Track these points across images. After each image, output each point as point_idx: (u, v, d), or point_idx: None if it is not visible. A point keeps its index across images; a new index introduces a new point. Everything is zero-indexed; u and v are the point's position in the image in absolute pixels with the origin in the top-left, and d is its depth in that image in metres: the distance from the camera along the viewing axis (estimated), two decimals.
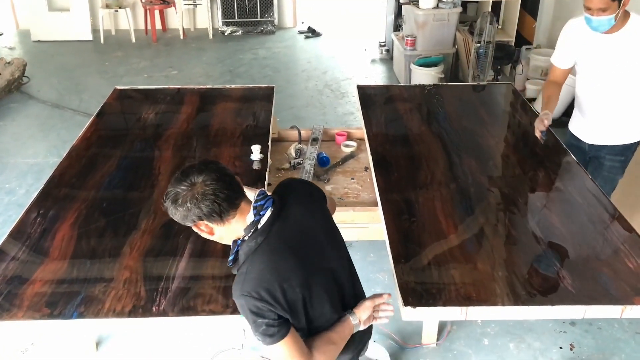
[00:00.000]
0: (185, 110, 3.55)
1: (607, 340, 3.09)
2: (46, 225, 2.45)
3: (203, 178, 1.61)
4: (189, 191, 1.61)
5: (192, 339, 3.10)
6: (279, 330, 1.64)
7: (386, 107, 3.60)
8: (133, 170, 2.89)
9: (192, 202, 1.60)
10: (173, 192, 1.63)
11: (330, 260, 1.84)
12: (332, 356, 1.78)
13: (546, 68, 5.90)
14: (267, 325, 1.63)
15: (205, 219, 1.64)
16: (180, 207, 1.62)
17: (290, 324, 1.68)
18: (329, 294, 1.80)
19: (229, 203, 1.64)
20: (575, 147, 3.20)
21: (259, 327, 1.64)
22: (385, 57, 7.43)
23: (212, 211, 1.62)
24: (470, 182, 2.73)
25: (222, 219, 1.65)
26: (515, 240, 2.35)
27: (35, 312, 1.98)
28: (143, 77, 6.93)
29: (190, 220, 1.65)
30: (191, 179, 1.62)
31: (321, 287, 1.77)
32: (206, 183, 1.61)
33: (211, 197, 1.61)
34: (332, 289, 1.82)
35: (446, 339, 3.10)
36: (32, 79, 6.74)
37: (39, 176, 4.65)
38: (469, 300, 1.99)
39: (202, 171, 1.63)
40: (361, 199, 3.04)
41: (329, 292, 1.79)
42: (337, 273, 1.86)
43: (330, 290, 1.81)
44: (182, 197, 1.61)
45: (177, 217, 1.66)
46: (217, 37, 8.39)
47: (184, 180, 1.62)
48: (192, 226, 1.70)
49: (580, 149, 3.19)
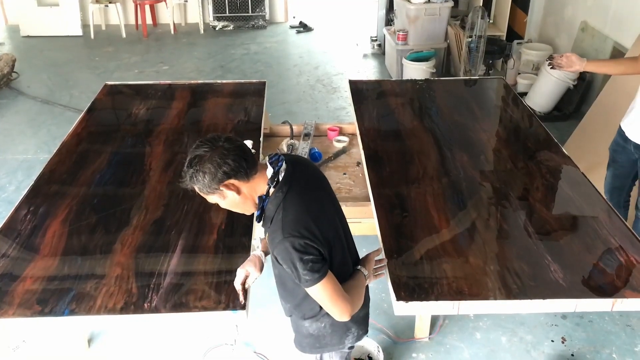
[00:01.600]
0: (176, 106, 3.53)
1: (598, 333, 3.11)
2: (37, 222, 2.44)
3: (222, 142, 1.69)
4: (213, 151, 1.67)
5: (185, 336, 3.10)
6: (323, 266, 1.72)
7: (378, 102, 3.60)
8: (124, 167, 2.87)
9: (220, 157, 1.66)
10: (195, 155, 1.68)
11: (338, 209, 1.98)
12: (360, 299, 1.89)
13: (537, 62, 5.92)
14: (314, 262, 1.69)
15: (232, 175, 1.69)
16: (208, 165, 1.66)
17: (328, 266, 1.76)
18: (344, 240, 1.93)
19: (252, 163, 1.73)
20: (621, 148, 3.21)
21: (307, 265, 1.68)
22: (377, 51, 7.42)
23: (239, 166, 1.68)
24: (462, 177, 2.73)
25: (248, 176, 1.72)
26: (507, 234, 2.36)
27: (26, 310, 1.97)
28: (134, 73, 6.89)
29: (217, 180, 1.68)
30: (212, 142, 1.69)
31: (340, 231, 1.90)
32: (225, 146, 1.68)
33: (236, 152, 1.68)
34: (344, 237, 1.95)
35: (438, 333, 3.11)
36: (22, 74, 6.69)
37: (29, 172, 4.62)
38: (461, 295, 2.00)
39: (220, 137, 1.71)
40: (353, 194, 3.04)
41: (343, 239, 1.93)
42: (344, 223, 1.99)
43: (344, 238, 1.94)
44: (208, 156, 1.66)
45: (203, 184, 1.69)
46: (208, 32, 8.35)
47: (203, 145, 1.69)
48: (217, 191, 1.72)
49: (626, 150, 3.17)
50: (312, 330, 2.05)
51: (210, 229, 2.37)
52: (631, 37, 4.49)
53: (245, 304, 1.96)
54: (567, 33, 5.91)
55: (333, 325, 2.02)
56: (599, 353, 2.99)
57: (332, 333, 2.05)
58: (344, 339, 2.07)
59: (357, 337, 2.10)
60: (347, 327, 2.04)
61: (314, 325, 2.03)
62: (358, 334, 2.09)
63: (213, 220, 2.43)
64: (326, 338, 2.05)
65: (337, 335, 2.05)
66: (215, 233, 2.35)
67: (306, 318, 2.02)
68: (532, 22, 6.58)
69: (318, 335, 2.05)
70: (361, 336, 2.12)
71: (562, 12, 6.01)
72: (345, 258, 1.94)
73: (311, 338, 2.07)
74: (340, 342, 2.08)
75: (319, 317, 2.00)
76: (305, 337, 2.09)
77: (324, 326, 2.03)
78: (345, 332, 2.06)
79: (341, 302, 1.78)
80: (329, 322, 2.01)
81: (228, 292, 2.02)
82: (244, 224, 2.38)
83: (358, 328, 2.09)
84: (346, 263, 1.94)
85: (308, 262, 1.68)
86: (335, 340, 2.07)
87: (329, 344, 2.08)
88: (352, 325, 2.05)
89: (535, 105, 5.45)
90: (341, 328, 2.04)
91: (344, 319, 1.83)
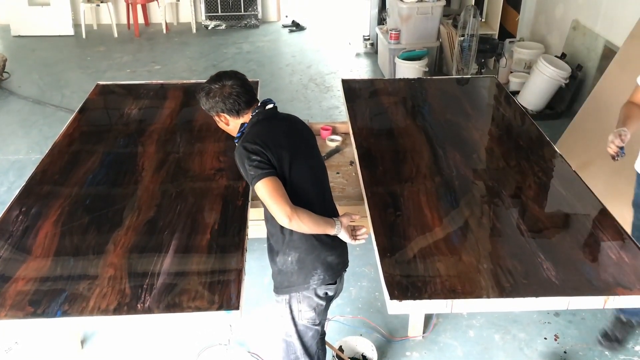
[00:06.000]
0: (168, 106, 3.52)
1: (591, 330, 3.12)
2: (29, 223, 2.42)
3: (232, 82, 2.16)
4: (219, 89, 2.16)
5: (178, 336, 3.09)
6: (268, 168, 2.06)
7: (371, 101, 3.60)
8: (116, 167, 2.86)
9: (220, 97, 2.16)
10: (207, 87, 2.18)
11: (313, 159, 2.28)
12: (312, 221, 2.09)
13: (529, 61, 5.94)
14: (259, 162, 2.06)
15: (226, 112, 2.19)
16: (210, 99, 2.17)
17: (277, 174, 2.07)
18: (311, 179, 2.21)
19: (246, 104, 2.18)
20: None
21: (253, 162, 2.05)
22: (370, 50, 7.43)
23: (232, 108, 2.17)
24: (454, 175, 2.74)
25: (239, 114, 2.19)
26: (500, 232, 2.36)
27: (18, 311, 1.96)
28: (126, 72, 6.87)
29: (214, 111, 2.20)
30: (223, 81, 2.16)
31: (304, 167, 2.19)
32: (233, 87, 2.16)
33: (235, 97, 2.15)
34: (313, 179, 2.23)
35: (432, 331, 3.12)
36: (13, 74, 6.65)
37: (21, 173, 4.60)
38: (454, 293, 2.00)
39: (232, 77, 2.18)
40: (347, 193, 3.04)
41: (311, 177, 2.21)
42: (318, 171, 2.29)
43: (312, 177, 2.22)
44: (213, 92, 2.16)
45: (206, 106, 2.22)
46: (200, 32, 8.34)
47: (217, 81, 2.17)
48: (214, 116, 2.24)
49: None
50: (280, 265, 2.22)
51: (203, 229, 2.37)
52: (622, 35, 4.52)
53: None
54: (558, 31, 5.94)
55: (299, 262, 2.18)
56: (591, 350, 3.01)
57: (299, 270, 2.18)
58: (309, 278, 2.19)
59: (323, 281, 2.20)
60: (314, 266, 2.18)
61: (282, 259, 2.20)
62: (324, 277, 2.20)
63: (206, 220, 2.43)
64: (293, 276, 2.20)
65: (303, 273, 2.18)
66: (208, 233, 2.35)
67: (276, 253, 2.22)
68: (524, 21, 6.60)
69: (286, 272, 2.21)
70: (327, 280, 2.21)
71: (554, 11, 6.04)
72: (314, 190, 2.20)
73: (280, 275, 2.24)
74: (305, 281, 2.19)
75: (285, 250, 2.18)
76: (276, 275, 2.26)
77: (291, 261, 2.18)
78: (310, 272, 2.18)
79: (281, 203, 2.01)
80: (296, 257, 2.17)
81: (222, 292, 2.02)
82: (237, 223, 2.38)
83: (324, 271, 2.20)
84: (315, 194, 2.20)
85: (254, 161, 2.05)
86: (300, 279, 2.19)
87: (295, 283, 2.20)
88: (319, 265, 2.18)
89: (527, 103, 5.47)
90: (307, 266, 2.18)
91: (283, 222, 2.03)
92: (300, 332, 2.30)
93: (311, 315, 2.27)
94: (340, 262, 2.27)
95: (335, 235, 2.20)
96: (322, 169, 2.33)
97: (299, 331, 2.30)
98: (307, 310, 2.26)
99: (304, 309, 2.25)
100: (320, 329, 2.35)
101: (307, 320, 2.28)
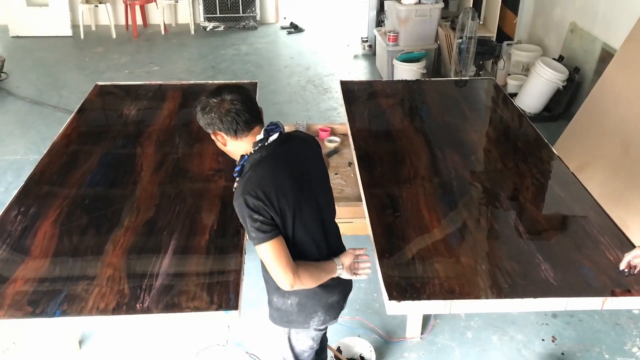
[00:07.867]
0: (167, 107, 3.52)
1: (588, 331, 3.13)
2: (27, 223, 2.42)
3: (232, 97, 1.89)
4: (217, 104, 1.88)
5: (177, 336, 3.09)
6: (271, 230, 1.85)
7: (369, 102, 3.61)
8: (115, 167, 2.86)
9: (217, 114, 1.88)
10: (205, 101, 1.91)
11: (319, 195, 2.04)
12: (313, 279, 1.95)
13: (527, 63, 5.96)
14: (262, 223, 1.84)
15: (223, 131, 1.92)
16: (206, 115, 1.90)
17: (280, 233, 1.88)
18: (314, 225, 1.99)
19: (246, 124, 1.90)
20: None
21: (255, 223, 1.84)
22: (368, 52, 7.43)
23: (230, 127, 1.89)
24: (453, 177, 2.74)
25: (237, 135, 1.92)
26: (498, 234, 2.37)
27: (17, 311, 1.96)
28: (124, 73, 6.86)
29: (211, 128, 1.93)
30: (223, 95, 1.89)
31: (308, 214, 1.96)
32: (233, 102, 1.88)
33: (233, 115, 1.88)
34: (317, 223, 2.01)
35: (430, 332, 3.12)
36: (11, 75, 6.64)
37: (19, 173, 4.59)
38: (452, 294, 2.01)
39: (233, 91, 1.91)
40: (345, 194, 3.05)
41: (314, 223, 1.99)
42: (323, 212, 2.05)
43: (316, 222, 2.00)
44: (209, 108, 1.89)
45: (202, 123, 1.95)
46: (198, 33, 8.33)
47: (216, 95, 1.90)
48: (211, 134, 1.97)
49: None
50: (279, 304, 2.10)
51: (202, 230, 2.37)
52: (619, 38, 4.53)
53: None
54: (556, 34, 5.95)
55: (300, 305, 2.07)
56: (588, 351, 3.02)
57: (298, 312, 2.09)
58: (309, 319, 2.11)
59: (323, 322, 2.14)
60: (314, 309, 2.09)
61: (281, 300, 2.08)
62: (325, 318, 2.13)
63: (205, 221, 2.43)
64: (292, 315, 2.10)
65: (303, 315, 2.10)
66: (207, 234, 2.35)
67: (274, 292, 2.08)
68: (521, 23, 6.62)
69: (285, 311, 2.11)
70: (328, 321, 2.16)
71: (552, 14, 6.06)
72: (316, 238, 2.00)
73: (279, 312, 2.13)
74: (306, 322, 2.12)
75: (284, 293, 2.05)
76: (274, 310, 2.15)
77: (290, 303, 2.07)
78: (311, 314, 2.10)
79: (284, 269, 1.85)
80: (296, 300, 2.06)
81: (220, 292, 2.03)
82: (236, 224, 2.38)
83: (325, 313, 2.12)
84: (317, 246, 2.00)
85: (257, 221, 1.83)
86: (301, 319, 2.11)
87: (295, 321, 2.12)
88: (320, 308, 2.09)
89: (525, 105, 5.48)
90: (307, 309, 2.08)
91: (285, 287, 1.89)
92: (296, 354, 2.26)
93: (309, 344, 2.23)
94: (342, 298, 2.18)
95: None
96: (329, 203, 2.12)
97: (296, 354, 2.26)
98: (305, 341, 2.22)
99: (302, 339, 2.21)
100: (316, 347, 2.31)
101: (305, 347, 2.24)
